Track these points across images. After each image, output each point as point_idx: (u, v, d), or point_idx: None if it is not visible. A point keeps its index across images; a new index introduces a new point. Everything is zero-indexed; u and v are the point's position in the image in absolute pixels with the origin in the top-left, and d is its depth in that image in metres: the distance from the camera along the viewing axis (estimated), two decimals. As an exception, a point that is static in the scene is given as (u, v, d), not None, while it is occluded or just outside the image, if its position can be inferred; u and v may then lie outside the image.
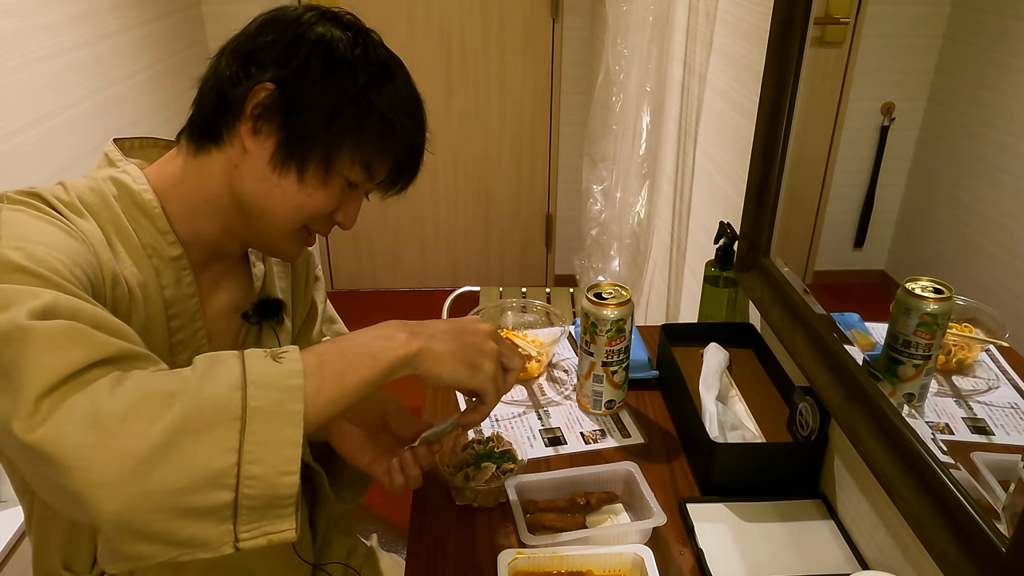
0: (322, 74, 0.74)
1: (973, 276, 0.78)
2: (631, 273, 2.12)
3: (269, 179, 0.76)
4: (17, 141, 1.65)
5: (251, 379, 0.60)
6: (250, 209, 0.79)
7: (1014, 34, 0.73)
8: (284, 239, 0.82)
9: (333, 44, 0.75)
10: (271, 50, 0.74)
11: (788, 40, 1.06)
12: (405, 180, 0.84)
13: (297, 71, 0.74)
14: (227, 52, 0.77)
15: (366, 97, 0.75)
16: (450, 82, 3.05)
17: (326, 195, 0.78)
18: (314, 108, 0.74)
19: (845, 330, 0.96)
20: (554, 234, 3.37)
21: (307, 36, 0.74)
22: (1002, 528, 0.65)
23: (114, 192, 0.77)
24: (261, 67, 0.74)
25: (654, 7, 1.81)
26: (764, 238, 1.17)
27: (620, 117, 2.01)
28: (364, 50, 0.76)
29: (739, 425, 1.05)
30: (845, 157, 1.02)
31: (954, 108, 0.82)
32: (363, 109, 0.76)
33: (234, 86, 0.75)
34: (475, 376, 0.72)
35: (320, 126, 0.75)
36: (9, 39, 1.63)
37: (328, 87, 0.74)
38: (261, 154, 0.76)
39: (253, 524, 0.58)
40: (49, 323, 0.59)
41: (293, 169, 0.76)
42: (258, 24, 0.77)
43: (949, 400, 0.80)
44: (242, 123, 0.75)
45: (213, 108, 0.76)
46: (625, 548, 0.85)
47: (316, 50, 0.74)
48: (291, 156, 0.75)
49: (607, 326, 1.08)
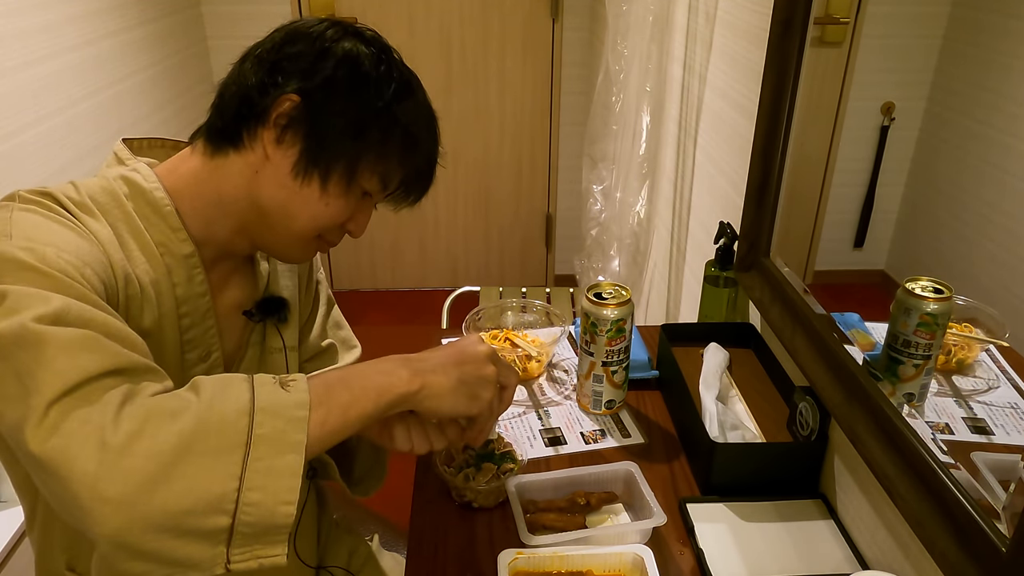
0: (348, 88, 0.76)
1: (973, 276, 0.78)
2: (631, 273, 2.12)
3: (290, 187, 0.77)
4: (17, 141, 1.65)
5: (259, 406, 0.60)
6: (268, 214, 0.80)
7: (1014, 34, 0.73)
8: (298, 245, 0.83)
9: (359, 60, 0.76)
10: (298, 61, 0.76)
11: (788, 40, 1.06)
12: (419, 191, 0.85)
13: (324, 84, 0.75)
14: (251, 57, 0.78)
15: (390, 112, 0.78)
16: (450, 82, 3.05)
17: (344, 204, 0.80)
18: (339, 121, 0.76)
19: (845, 330, 0.96)
20: (554, 234, 3.37)
21: (334, 51, 0.76)
22: (1002, 528, 0.65)
23: (125, 191, 0.77)
24: (287, 77, 0.75)
25: (654, 7, 1.81)
26: (764, 238, 1.17)
27: (620, 117, 2.01)
28: (388, 66, 0.78)
29: (739, 425, 1.05)
30: (845, 157, 1.02)
31: (954, 108, 0.82)
32: (387, 123, 0.78)
33: (259, 94, 0.76)
34: (473, 405, 0.75)
35: (346, 138, 0.77)
36: (9, 39, 1.63)
37: (354, 101, 0.76)
38: (284, 162, 0.77)
39: (246, 548, 0.59)
40: (64, 330, 0.60)
41: (316, 178, 0.77)
42: (284, 34, 0.78)
43: (949, 400, 0.80)
44: (266, 130, 0.76)
45: (236, 113, 0.77)
46: (625, 548, 0.85)
47: (343, 65, 0.76)
48: (315, 166, 0.77)
49: (607, 326, 1.08)
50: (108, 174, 0.79)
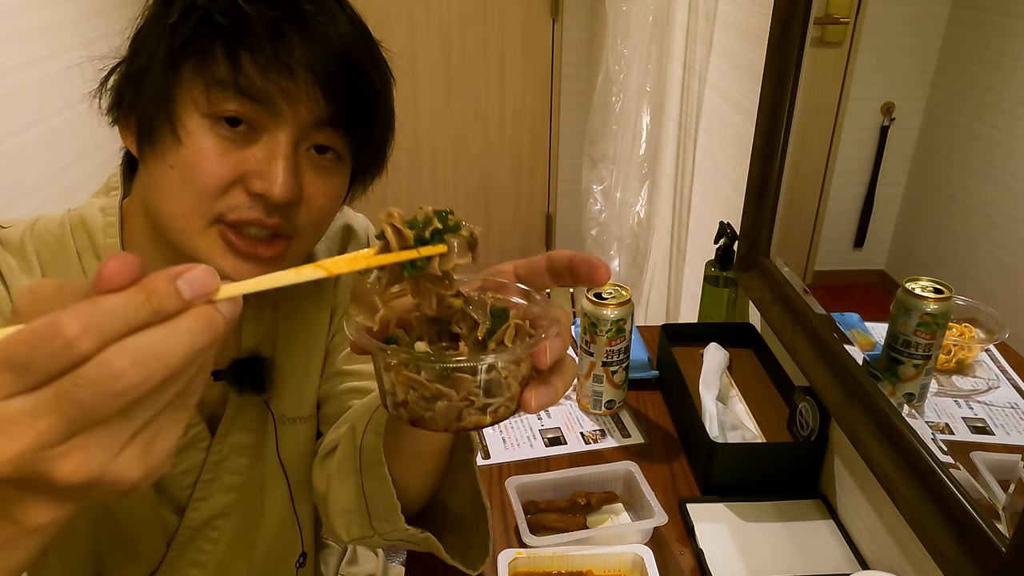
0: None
1: (973, 276, 0.78)
2: (631, 273, 2.12)
3: (146, 177, 0.65)
4: (17, 141, 1.65)
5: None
6: (150, 216, 0.67)
7: (1014, 34, 0.73)
8: (199, 238, 0.63)
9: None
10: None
11: (788, 40, 1.06)
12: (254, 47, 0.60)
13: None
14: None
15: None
16: (450, 82, 3.05)
17: (195, 151, 0.61)
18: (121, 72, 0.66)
19: (845, 330, 0.95)
20: (554, 234, 3.37)
21: None
22: (1002, 528, 0.65)
23: (71, 228, 0.70)
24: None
25: (654, 7, 1.81)
26: (764, 238, 1.17)
27: (620, 117, 2.01)
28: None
29: (739, 425, 1.05)
30: (845, 157, 1.02)
31: (954, 108, 0.82)
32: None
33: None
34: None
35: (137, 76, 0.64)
36: (9, 39, 1.63)
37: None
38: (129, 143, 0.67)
39: None
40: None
41: (147, 147, 0.63)
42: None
43: (949, 400, 0.80)
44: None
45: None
46: (625, 548, 0.85)
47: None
48: (141, 133, 0.64)
49: (607, 326, 1.08)
50: (79, 207, 0.72)
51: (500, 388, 0.46)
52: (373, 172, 0.73)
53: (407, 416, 0.47)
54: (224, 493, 0.80)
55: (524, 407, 0.48)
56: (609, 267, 0.50)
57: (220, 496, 0.80)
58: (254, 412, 0.79)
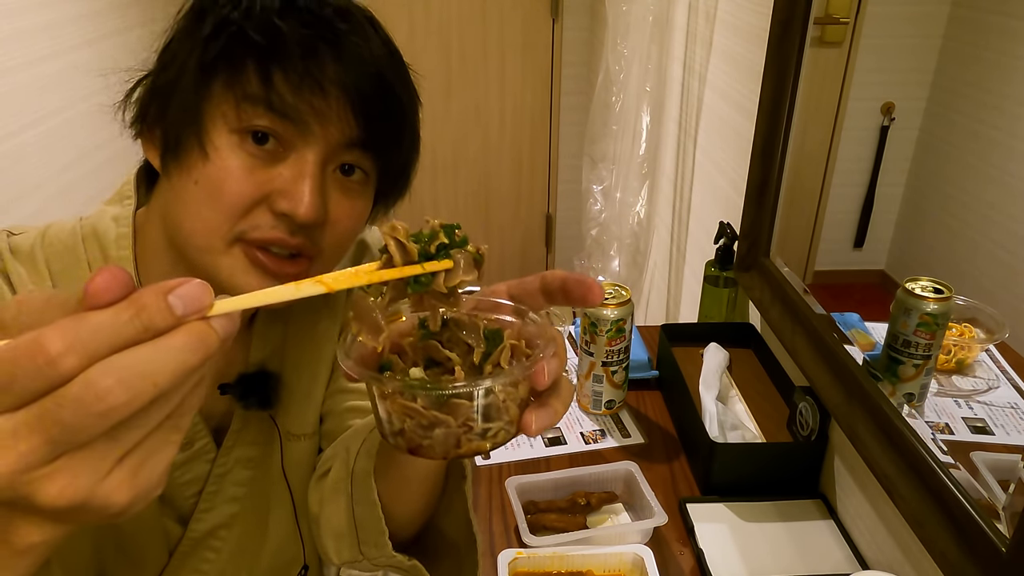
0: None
1: (973, 276, 0.78)
2: (631, 273, 2.12)
3: (168, 191, 0.64)
4: (17, 141, 1.65)
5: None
6: (171, 232, 0.66)
7: (1013, 34, 0.73)
8: (224, 261, 0.62)
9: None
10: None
11: (788, 40, 1.06)
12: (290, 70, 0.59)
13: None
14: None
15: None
16: (450, 82, 3.05)
17: (223, 165, 0.60)
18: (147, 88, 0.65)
19: (845, 330, 0.96)
20: (554, 234, 3.37)
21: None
22: (1002, 528, 0.65)
23: (83, 238, 0.69)
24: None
25: (654, 7, 1.81)
26: (764, 238, 1.17)
27: (620, 117, 2.02)
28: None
29: (739, 425, 1.05)
30: (845, 157, 1.02)
31: (954, 108, 0.82)
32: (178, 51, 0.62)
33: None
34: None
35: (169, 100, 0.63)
36: (9, 39, 1.63)
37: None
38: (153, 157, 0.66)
39: None
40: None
41: (175, 155, 0.62)
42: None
43: (949, 400, 0.80)
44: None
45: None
46: (625, 548, 0.85)
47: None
48: (167, 147, 0.63)
49: (607, 326, 1.08)
50: (90, 216, 0.71)
51: (499, 412, 0.46)
52: (397, 195, 0.72)
53: (405, 445, 0.46)
54: (228, 505, 0.80)
55: (524, 430, 0.47)
56: (602, 288, 0.50)
57: (224, 507, 0.80)
58: (260, 426, 0.78)
